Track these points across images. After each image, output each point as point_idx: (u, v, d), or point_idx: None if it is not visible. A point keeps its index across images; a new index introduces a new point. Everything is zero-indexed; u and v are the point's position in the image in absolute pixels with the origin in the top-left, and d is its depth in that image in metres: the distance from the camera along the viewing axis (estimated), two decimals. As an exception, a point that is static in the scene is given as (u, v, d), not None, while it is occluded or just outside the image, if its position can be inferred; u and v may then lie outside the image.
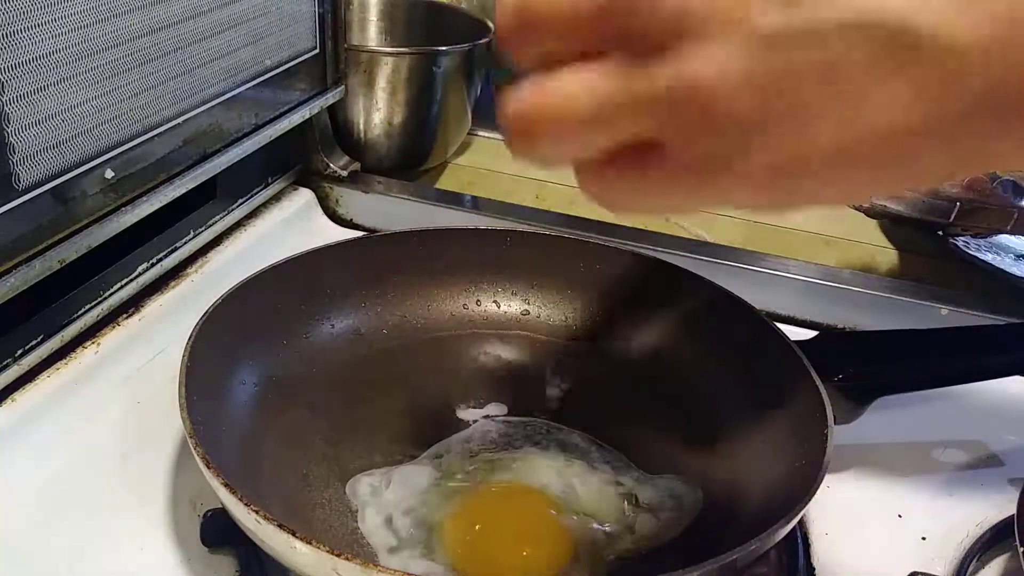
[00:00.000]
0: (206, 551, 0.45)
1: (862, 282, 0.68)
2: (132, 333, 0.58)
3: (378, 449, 0.49)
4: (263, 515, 0.38)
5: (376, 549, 0.44)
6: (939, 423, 0.57)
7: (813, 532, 0.49)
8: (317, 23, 0.69)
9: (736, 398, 0.53)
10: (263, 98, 0.65)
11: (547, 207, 0.80)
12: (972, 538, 0.49)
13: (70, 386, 0.53)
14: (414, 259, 0.60)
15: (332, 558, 0.36)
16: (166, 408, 0.45)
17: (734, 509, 0.47)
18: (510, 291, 0.61)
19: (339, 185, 0.76)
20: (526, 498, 0.46)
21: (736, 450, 0.50)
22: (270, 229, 0.71)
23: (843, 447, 0.46)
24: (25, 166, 0.46)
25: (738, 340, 0.54)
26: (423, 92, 0.79)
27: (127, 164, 0.53)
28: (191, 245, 0.64)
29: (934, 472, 0.54)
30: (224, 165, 0.62)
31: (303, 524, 0.44)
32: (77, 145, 0.49)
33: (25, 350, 0.51)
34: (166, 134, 0.56)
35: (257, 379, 0.52)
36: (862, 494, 0.52)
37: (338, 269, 0.58)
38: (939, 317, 0.65)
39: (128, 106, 0.52)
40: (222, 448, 0.44)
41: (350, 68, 0.74)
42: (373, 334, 0.58)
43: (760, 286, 0.66)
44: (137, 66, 0.52)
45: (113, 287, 0.57)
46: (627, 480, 0.48)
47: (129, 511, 0.47)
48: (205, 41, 0.57)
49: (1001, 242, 0.74)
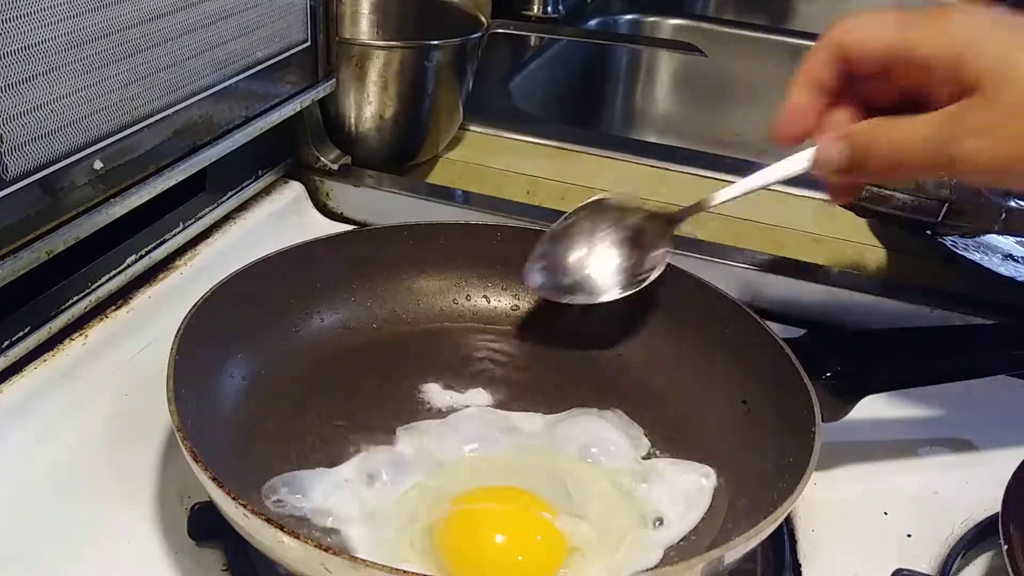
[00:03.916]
0: (193, 544, 0.45)
1: (851, 281, 0.68)
2: (120, 325, 0.58)
3: (366, 443, 0.49)
4: (250, 509, 0.38)
5: (364, 544, 0.44)
6: (925, 421, 0.57)
7: (800, 529, 0.49)
8: (308, 15, 0.69)
9: (724, 395, 0.53)
10: (254, 90, 0.65)
11: (538, 202, 0.80)
12: (957, 536, 0.49)
13: (57, 378, 0.53)
14: (404, 253, 0.60)
15: (320, 553, 0.36)
16: (154, 401, 0.45)
17: (721, 506, 0.47)
18: (500, 286, 0.61)
19: (330, 178, 0.76)
20: (518, 501, 0.46)
21: (723, 447, 0.50)
22: (260, 222, 0.70)
23: (830, 445, 0.46)
24: (13, 156, 0.46)
25: (727, 337, 0.54)
26: (415, 86, 0.79)
27: (116, 155, 0.53)
28: (180, 237, 0.64)
29: (920, 470, 0.55)
30: (214, 157, 0.62)
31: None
32: (66, 135, 0.49)
33: (12, 342, 0.51)
34: (156, 125, 0.55)
35: (246, 372, 0.51)
36: (848, 491, 0.52)
37: (328, 263, 0.58)
38: (927, 316, 0.65)
39: (117, 97, 0.52)
40: (210, 441, 0.44)
41: (341, 61, 0.74)
42: (362, 328, 0.58)
43: (749, 283, 0.66)
44: (127, 57, 0.52)
45: (102, 279, 0.57)
46: (621, 478, 0.49)
47: (116, 504, 0.47)
48: (195, 32, 0.57)
49: (989, 242, 0.74)
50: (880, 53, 0.44)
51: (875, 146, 0.44)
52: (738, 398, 0.52)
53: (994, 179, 0.42)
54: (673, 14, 1.31)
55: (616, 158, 0.88)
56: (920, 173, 0.45)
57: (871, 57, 0.44)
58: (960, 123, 0.41)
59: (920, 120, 0.43)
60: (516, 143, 0.90)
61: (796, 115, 0.47)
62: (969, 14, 0.42)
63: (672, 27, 1.29)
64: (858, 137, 0.45)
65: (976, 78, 0.41)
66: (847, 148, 0.45)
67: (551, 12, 1.24)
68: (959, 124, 0.41)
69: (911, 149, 0.43)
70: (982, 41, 0.41)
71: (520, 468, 0.49)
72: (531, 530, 0.45)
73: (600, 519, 0.46)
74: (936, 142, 0.42)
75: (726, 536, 0.43)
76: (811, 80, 0.47)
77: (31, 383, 0.52)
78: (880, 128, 0.44)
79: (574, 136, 0.92)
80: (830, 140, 0.46)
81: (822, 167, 0.47)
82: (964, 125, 0.41)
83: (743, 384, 0.52)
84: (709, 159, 0.89)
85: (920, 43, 0.43)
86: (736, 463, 0.49)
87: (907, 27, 0.43)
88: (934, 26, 0.43)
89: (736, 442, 0.50)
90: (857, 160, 0.45)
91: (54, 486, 0.48)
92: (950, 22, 0.42)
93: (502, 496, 0.47)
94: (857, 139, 0.45)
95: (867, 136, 0.44)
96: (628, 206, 0.56)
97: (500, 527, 0.45)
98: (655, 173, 0.87)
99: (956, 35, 0.42)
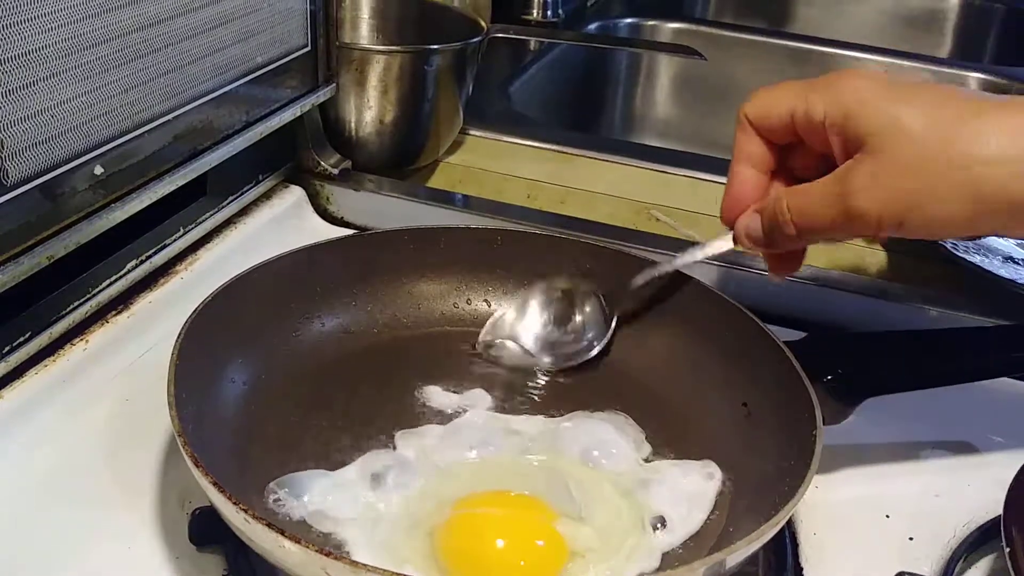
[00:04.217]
0: (194, 549, 0.45)
1: (851, 283, 0.68)
2: (121, 330, 0.58)
3: (367, 447, 0.49)
4: (251, 514, 0.38)
5: (365, 548, 0.44)
6: (927, 424, 0.57)
7: (801, 532, 0.49)
8: (308, 20, 0.69)
9: (725, 398, 0.53)
10: (254, 95, 0.65)
11: (538, 206, 0.81)
12: (959, 539, 0.49)
13: (58, 383, 0.53)
14: (405, 258, 0.60)
15: (321, 557, 0.36)
16: (155, 406, 0.45)
17: (723, 509, 0.47)
18: (501, 290, 0.61)
19: (330, 183, 0.76)
20: (519, 505, 0.46)
21: (724, 450, 0.50)
22: (260, 227, 0.71)
23: (831, 448, 0.46)
24: (14, 162, 0.46)
25: (727, 340, 0.54)
26: (415, 90, 0.79)
27: (117, 160, 0.53)
28: (181, 242, 0.64)
29: (921, 473, 0.55)
30: (215, 162, 0.62)
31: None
32: (67, 141, 0.49)
33: (13, 347, 0.51)
34: (156, 130, 0.55)
35: (247, 377, 0.51)
36: (850, 494, 0.52)
37: (328, 267, 0.58)
38: (928, 318, 0.65)
39: (118, 102, 0.52)
40: (211, 446, 0.44)
41: (342, 66, 0.74)
42: (363, 332, 0.58)
43: (749, 286, 0.66)
44: (127, 62, 0.52)
45: (102, 284, 0.57)
46: (622, 481, 0.48)
47: (117, 509, 0.47)
48: (196, 38, 0.57)
49: (989, 244, 0.74)
50: (785, 120, 0.46)
51: (782, 213, 0.46)
52: (739, 401, 0.52)
53: (906, 232, 0.42)
54: (672, 18, 1.32)
55: (616, 162, 0.89)
56: (832, 233, 0.45)
57: (780, 125, 0.47)
58: (850, 181, 0.43)
59: (819, 183, 0.45)
60: (516, 147, 0.90)
61: (739, 193, 0.49)
62: (860, 77, 0.44)
63: (671, 31, 1.29)
64: (768, 207, 0.47)
65: (863, 136, 0.42)
66: (761, 219, 0.47)
67: (551, 16, 1.25)
68: (849, 182, 0.43)
69: (814, 211, 0.45)
70: (868, 101, 0.43)
71: (521, 472, 0.49)
72: (532, 534, 0.45)
73: (602, 523, 0.45)
74: (833, 199, 0.43)
75: (728, 539, 0.43)
76: (744, 157, 0.49)
77: (32, 388, 0.52)
78: (786, 195, 0.46)
79: (574, 140, 0.92)
80: (747, 215, 0.48)
81: (742, 241, 0.49)
82: (854, 183, 0.43)
83: (744, 387, 0.52)
84: (709, 162, 0.89)
85: (814, 105, 0.45)
86: (737, 466, 0.49)
87: (806, 91, 0.45)
88: (827, 89, 0.45)
89: (737, 445, 0.50)
90: (772, 229, 0.47)
91: (55, 491, 0.48)
92: (841, 85, 0.44)
93: (503, 500, 0.46)
94: (767, 210, 0.47)
95: (775, 205, 0.46)
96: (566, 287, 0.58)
97: (501, 531, 0.45)
98: (655, 176, 0.87)
99: (844, 97, 0.44)
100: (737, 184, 0.49)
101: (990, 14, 1.47)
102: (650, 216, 0.81)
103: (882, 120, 0.42)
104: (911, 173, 0.41)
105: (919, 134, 0.41)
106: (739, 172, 0.49)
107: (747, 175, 0.49)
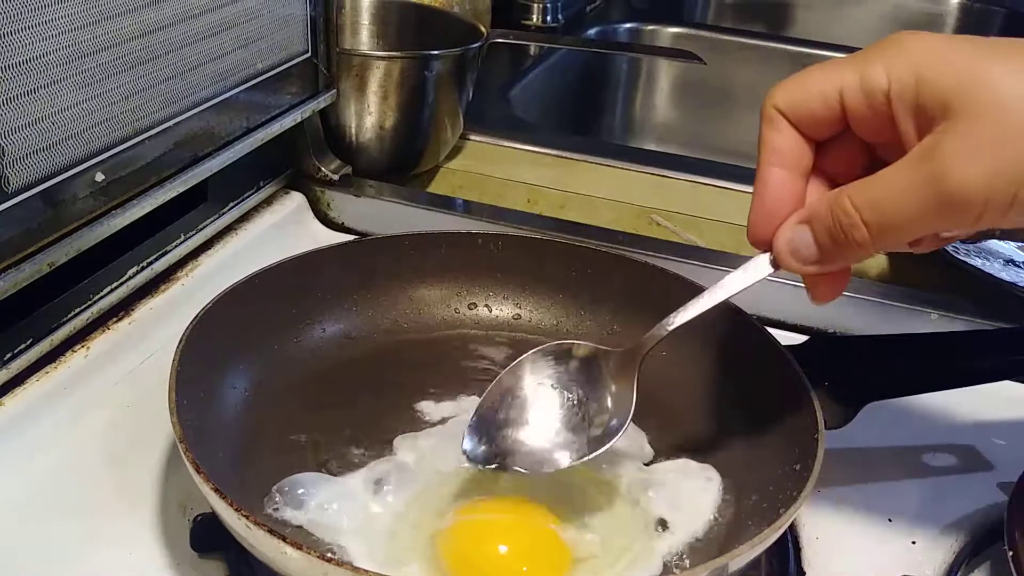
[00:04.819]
0: (196, 556, 0.45)
1: (852, 287, 0.68)
2: (122, 337, 0.58)
3: (369, 453, 0.49)
4: (253, 520, 0.37)
5: (366, 553, 0.44)
6: (929, 428, 0.57)
7: (804, 536, 0.49)
8: (309, 27, 0.69)
9: (727, 403, 0.53)
10: (254, 101, 0.65)
11: (539, 211, 0.81)
12: (961, 543, 0.49)
13: (59, 390, 0.53)
14: (405, 263, 0.60)
15: (323, 563, 0.36)
16: (156, 412, 0.45)
17: (725, 513, 0.47)
18: (501, 295, 0.61)
19: (330, 189, 0.76)
20: (522, 511, 0.46)
21: (726, 454, 0.50)
22: (261, 233, 0.71)
23: (834, 452, 0.46)
24: (15, 169, 0.46)
25: (729, 344, 0.54)
26: (415, 96, 0.79)
27: (118, 167, 0.53)
28: (181, 249, 0.64)
29: (924, 476, 0.55)
30: (215, 168, 0.62)
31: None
32: (67, 148, 0.49)
33: (14, 354, 0.51)
34: (157, 137, 0.56)
35: (248, 383, 0.51)
36: (852, 498, 0.52)
37: (329, 273, 0.58)
38: (929, 322, 0.65)
39: (119, 109, 0.52)
40: (212, 452, 0.44)
41: (342, 72, 0.74)
42: (364, 338, 0.58)
43: (751, 291, 0.66)
44: (128, 69, 0.52)
45: (103, 290, 0.57)
46: (624, 486, 0.48)
47: (118, 515, 0.47)
48: (196, 44, 0.57)
49: (990, 247, 0.74)
50: (831, 103, 0.38)
51: (847, 214, 0.37)
52: (741, 405, 0.52)
53: (1018, 211, 0.34)
54: (672, 22, 1.32)
55: (616, 166, 0.89)
56: (919, 230, 0.36)
57: (823, 110, 0.38)
58: (942, 155, 0.34)
59: (894, 167, 0.36)
60: (516, 152, 0.90)
61: (773, 202, 0.40)
62: (923, 35, 0.36)
63: (671, 35, 1.30)
64: (820, 213, 0.38)
65: (947, 100, 0.35)
66: (813, 229, 0.38)
67: (550, 21, 1.25)
68: (941, 157, 0.34)
69: (896, 202, 0.36)
70: (946, 58, 0.35)
71: (523, 476, 0.49)
72: (535, 540, 0.45)
73: (604, 528, 0.45)
74: (921, 182, 0.35)
75: (730, 544, 0.43)
76: (775, 158, 0.39)
77: (33, 395, 0.52)
78: (848, 191, 0.37)
79: (574, 144, 0.92)
80: (788, 228, 0.39)
81: (785, 262, 0.39)
82: (947, 157, 0.34)
83: (746, 391, 0.52)
84: (709, 167, 0.89)
85: (872, 75, 0.37)
86: (739, 470, 0.49)
87: (858, 63, 0.37)
88: (886, 53, 0.37)
89: (739, 449, 0.50)
90: (833, 238, 0.38)
91: (56, 498, 0.48)
92: (906, 45, 0.36)
93: (505, 506, 0.46)
94: (820, 215, 0.38)
95: (835, 206, 0.37)
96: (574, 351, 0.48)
97: (504, 537, 0.45)
98: (655, 181, 0.87)
99: (914, 56, 0.36)
100: (770, 191, 0.39)
101: (990, 17, 1.47)
102: (650, 221, 0.81)
103: (968, 78, 0.34)
104: (1021, 136, 0.33)
105: (1020, 92, 0.34)
106: (770, 176, 0.39)
107: (780, 179, 0.39)
